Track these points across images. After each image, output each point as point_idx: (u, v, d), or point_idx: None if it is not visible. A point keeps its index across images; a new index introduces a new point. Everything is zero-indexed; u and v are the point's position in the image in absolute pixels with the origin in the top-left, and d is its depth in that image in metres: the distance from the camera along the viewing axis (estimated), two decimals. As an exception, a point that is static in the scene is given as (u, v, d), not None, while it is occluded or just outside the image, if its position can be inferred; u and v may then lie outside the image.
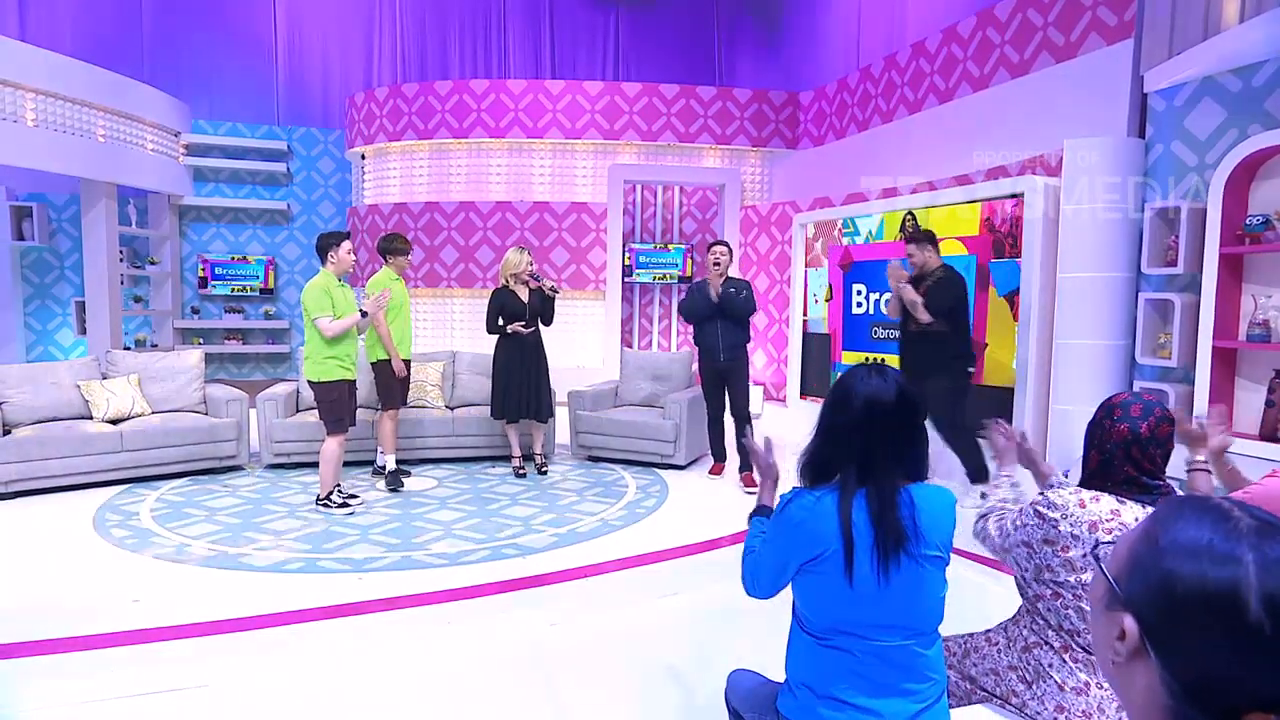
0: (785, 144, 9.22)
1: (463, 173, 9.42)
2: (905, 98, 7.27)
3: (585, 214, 9.11)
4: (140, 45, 10.13)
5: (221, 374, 10.29)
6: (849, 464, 1.61)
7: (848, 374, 1.70)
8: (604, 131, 9.11)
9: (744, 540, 1.89)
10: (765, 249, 8.94)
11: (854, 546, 1.55)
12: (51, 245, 9.86)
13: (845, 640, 1.60)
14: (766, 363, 8.99)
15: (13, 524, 4.53)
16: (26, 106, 7.62)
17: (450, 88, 9.21)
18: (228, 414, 5.70)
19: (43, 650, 3.00)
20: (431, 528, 4.48)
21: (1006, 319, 5.45)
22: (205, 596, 3.52)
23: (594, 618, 3.44)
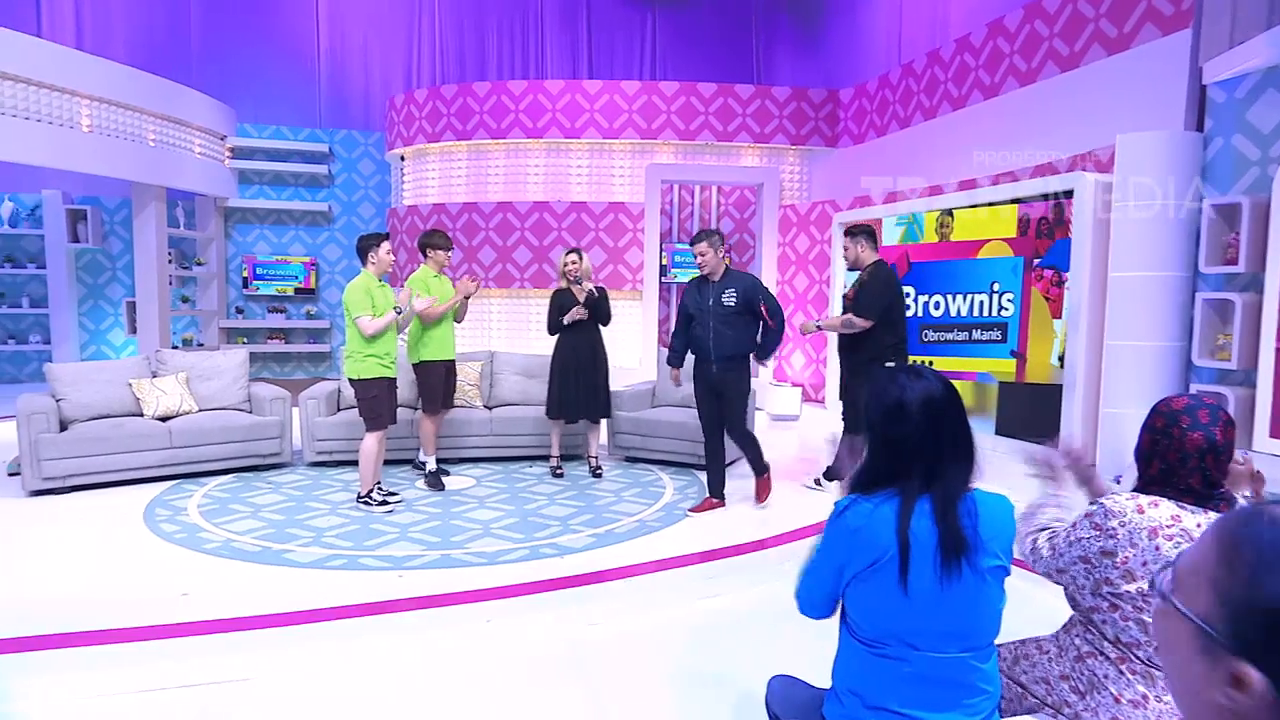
0: (825, 142, 9.13)
1: (500, 173, 9.50)
2: (949, 94, 7.15)
3: (623, 214, 9.13)
4: (189, 51, 10.41)
5: (264, 373, 10.51)
6: (913, 471, 1.59)
7: (887, 383, 1.66)
8: (641, 131, 9.11)
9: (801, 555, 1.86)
10: (804, 248, 8.87)
11: (910, 554, 1.52)
12: (104, 247, 10.18)
13: (898, 649, 1.57)
14: (805, 363, 8.91)
15: (69, 517, 4.68)
16: (82, 113, 7.88)
17: (488, 89, 9.30)
18: (271, 412, 5.82)
19: (97, 640, 3.09)
20: (470, 526, 4.53)
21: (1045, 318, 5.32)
22: (251, 591, 3.59)
23: (633, 619, 3.44)
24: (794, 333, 8.65)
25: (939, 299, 6.48)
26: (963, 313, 6.22)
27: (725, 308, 4.64)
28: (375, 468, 4.84)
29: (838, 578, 1.63)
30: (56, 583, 3.69)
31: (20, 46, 7.35)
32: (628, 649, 3.14)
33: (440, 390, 5.36)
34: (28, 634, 3.11)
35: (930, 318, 6.58)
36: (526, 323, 9.34)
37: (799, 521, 4.64)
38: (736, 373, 4.71)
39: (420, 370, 5.33)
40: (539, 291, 9.24)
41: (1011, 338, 5.74)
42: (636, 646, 3.16)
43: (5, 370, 9.97)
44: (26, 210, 9.90)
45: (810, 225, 8.77)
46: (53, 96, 7.56)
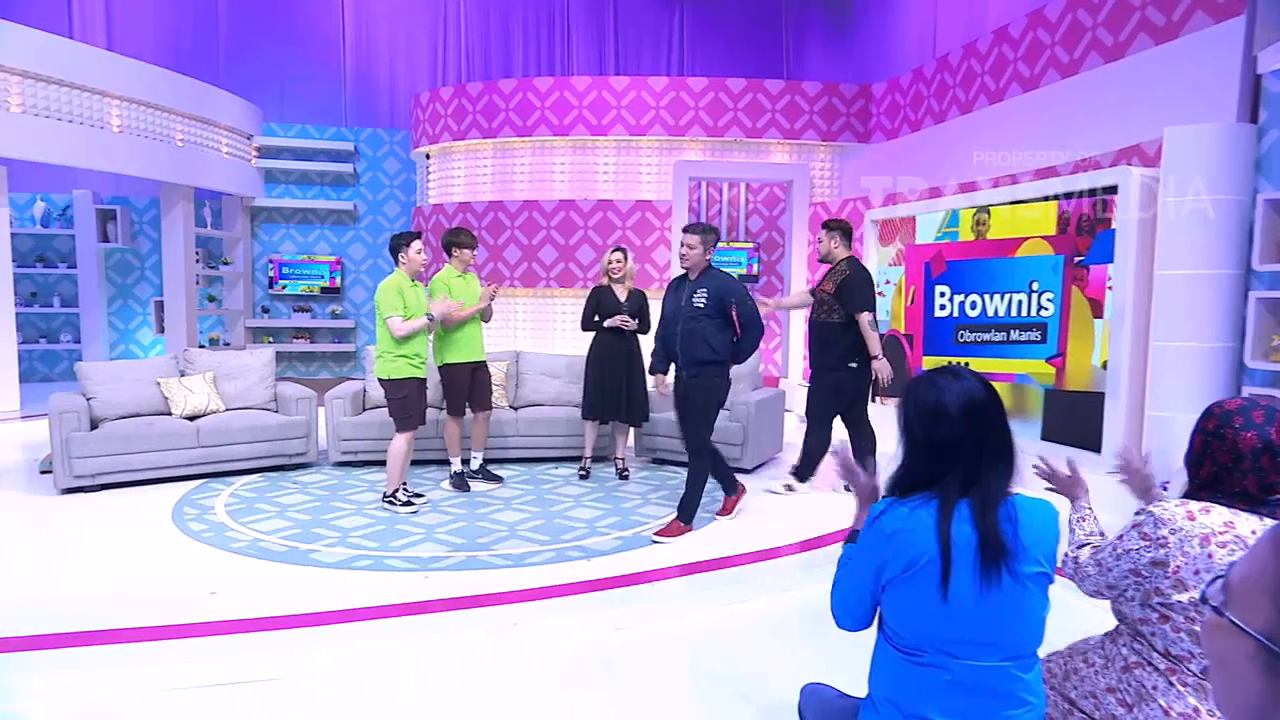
0: (856, 138, 9.06)
1: (526, 171, 9.55)
2: (986, 87, 7.05)
3: (649, 212, 9.13)
4: (216, 50, 10.60)
5: (289, 372, 10.67)
6: (951, 475, 1.57)
7: (925, 385, 1.64)
8: (669, 127, 9.11)
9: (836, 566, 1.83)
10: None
11: (952, 559, 1.50)
12: (133, 247, 10.40)
13: (938, 658, 1.55)
14: (836, 365, 8.84)
15: (99, 515, 4.78)
16: (112, 113, 8.05)
17: (514, 86, 9.35)
18: (297, 412, 5.90)
19: (126, 638, 3.15)
20: (496, 528, 4.55)
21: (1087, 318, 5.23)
22: (278, 591, 3.64)
23: (661, 623, 3.44)
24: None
25: (975, 299, 6.39)
26: (1000, 313, 6.13)
27: (695, 309, 4.40)
28: (402, 467, 4.89)
29: (874, 584, 1.61)
30: (86, 580, 3.77)
31: (53, 48, 7.53)
32: (655, 653, 3.14)
33: (464, 392, 5.39)
34: (58, 631, 3.18)
35: (966, 318, 6.49)
36: (552, 322, 9.38)
37: (830, 525, 4.60)
38: (704, 380, 4.40)
39: (445, 372, 5.36)
40: (565, 291, 9.27)
41: (1051, 339, 5.64)
42: (664, 651, 3.16)
43: (37, 369, 10.22)
44: (58, 210, 10.14)
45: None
46: (84, 97, 7.74)
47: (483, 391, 5.49)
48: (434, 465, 5.91)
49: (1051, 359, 5.60)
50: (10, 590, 3.60)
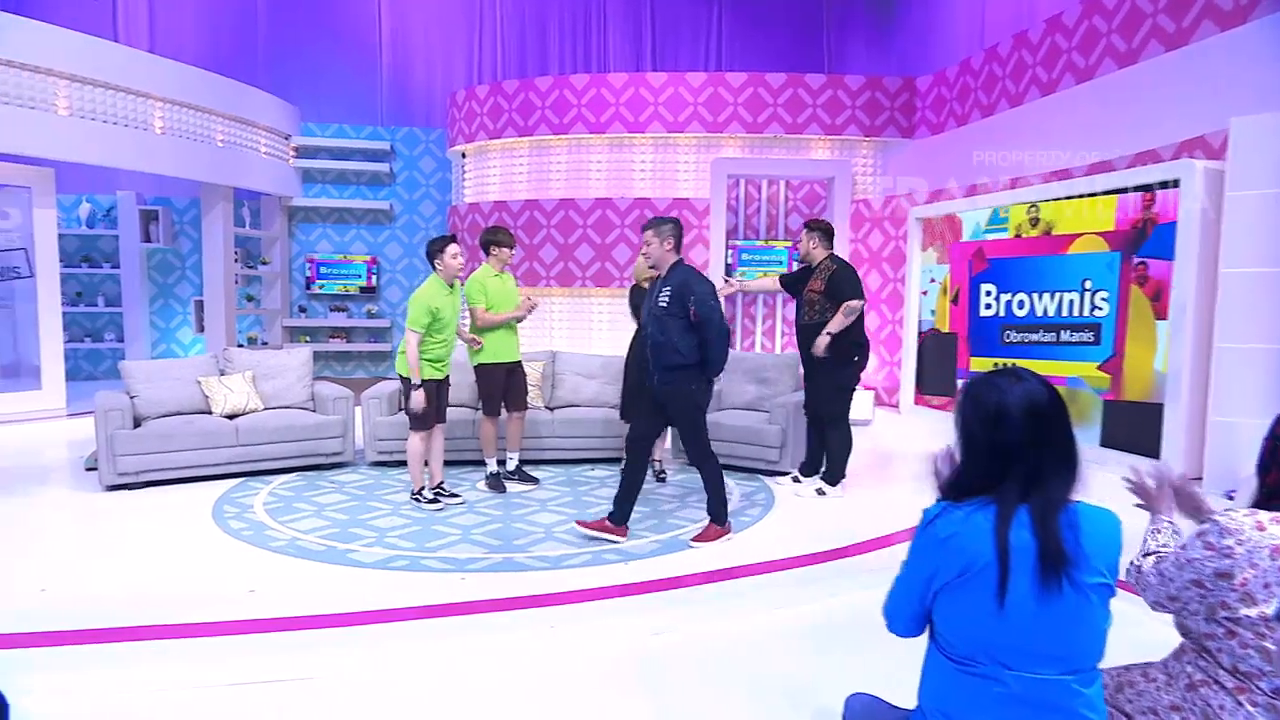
0: (900, 133, 8.95)
1: (562, 169, 9.60)
2: (1037, 78, 6.92)
3: (687, 210, 9.12)
4: (255, 50, 10.84)
5: (326, 372, 10.86)
6: (1011, 479, 1.54)
7: (985, 386, 1.62)
8: (707, 124, 9.09)
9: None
10: (878, 245, 8.71)
11: (1010, 566, 1.48)
12: (174, 247, 10.68)
13: (991, 668, 1.53)
14: (879, 365, 8.75)
15: (142, 512, 4.91)
16: (155, 114, 8.28)
17: (550, 83, 9.41)
18: (334, 411, 6.00)
19: (167, 634, 3.24)
20: (532, 530, 4.58)
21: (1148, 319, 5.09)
22: (317, 590, 3.71)
23: (700, 628, 3.43)
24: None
25: (1023, 298, 6.29)
26: (1050, 312, 6.02)
27: (660, 308, 4.25)
28: (419, 466, 4.99)
29: (925, 589, 1.59)
30: (130, 577, 3.88)
31: (99, 51, 7.77)
32: (695, 660, 3.13)
33: (498, 393, 5.44)
34: (102, 626, 3.28)
35: (1014, 318, 6.38)
36: (588, 322, 9.41)
37: (875, 530, 4.55)
38: (678, 386, 4.25)
39: (479, 372, 5.42)
40: (601, 290, 9.30)
41: (1106, 340, 5.51)
42: (704, 657, 3.15)
43: (82, 367, 10.54)
44: (102, 211, 10.45)
45: (884, 221, 8.61)
46: (128, 99, 7.97)
47: (518, 392, 5.53)
48: (469, 466, 5.97)
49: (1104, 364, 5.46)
50: (57, 586, 3.71)
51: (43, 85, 7.25)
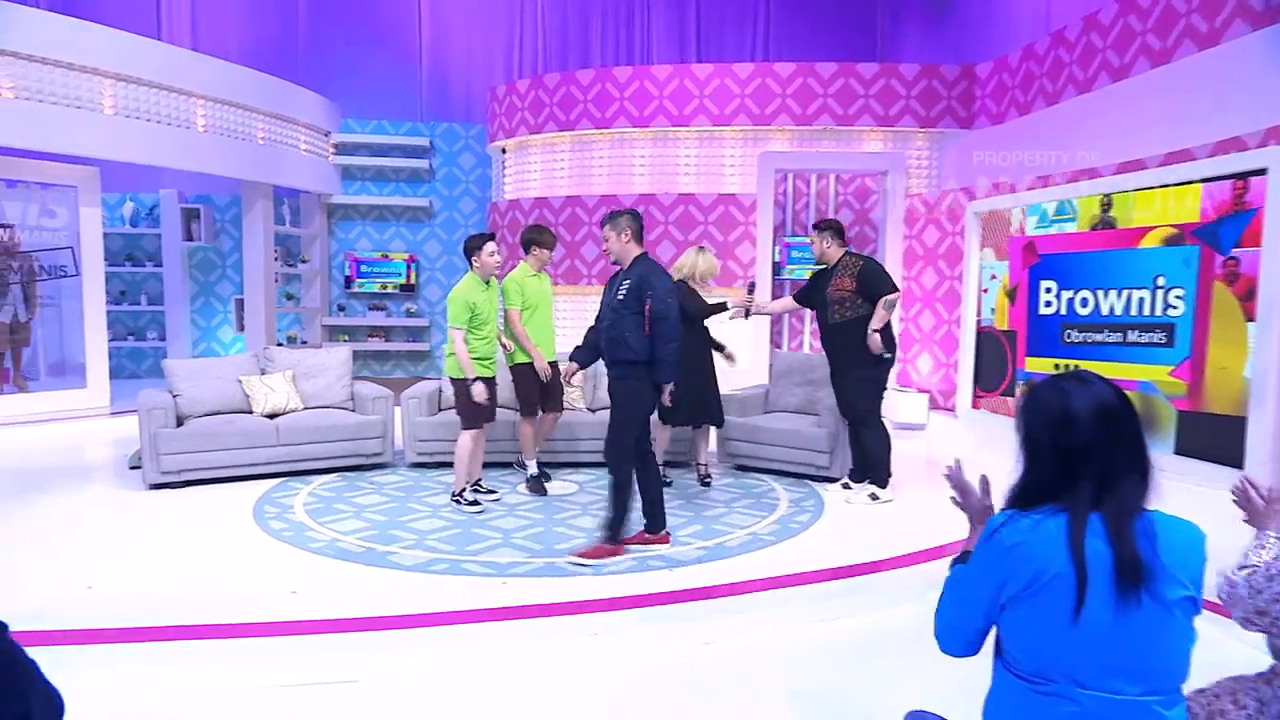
0: (958, 123, 8.79)
1: (605, 164, 9.63)
2: (1108, 63, 6.73)
3: (733, 206, 9.08)
4: (296, 47, 11.08)
5: (364, 371, 11.04)
6: (1081, 485, 1.50)
7: (1049, 389, 1.59)
8: (754, 117, 9.04)
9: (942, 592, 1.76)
10: (933, 241, 8.57)
11: (1087, 577, 1.44)
12: (215, 245, 10.96)
13: (1065, 687, 1.48)
14: (934, 367, 8.61)
15: (185, 511, 5.05)
16: (198, 113, 8.51)
17: (592, 76, 9.44)
18: (374, 411, 6.10)
19: (210, 634, 3.32)
20: (575, 534, 4.60)
21: (1235, 319, 4.91)
22: (357, 592, 3.77)
23: (748, 638, 3.41)
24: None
25: (1086, 295, 6.14)
26: (1116, 311, 5.86)
27: (617, 302, 4.22)
28: (466, 466, 5.07)
29: (991, 603, 1.55)
30: (174, 576, 3.99)
31: (143, 50, 8.01)
32: (742, 672, 3.11)
33: (535, 393, 5.49)
34: (145, 625, 3.37)
35: (1075, 316, 6.23)
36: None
37: (929, 540, 4.48)
38: (625, 382, 4.21)
39: (515, 372, 5.49)
40: (643, 289, 9.29)
41: (1182, 342, 5.34)
42: (751, 670, 3.13)
43: (125, 366, 10.87)
44: (145, 210, 10.78)
45: (940, 216, 8.47)
46: (172, 98, 8.21)
47: (554, 392, 5.58)
48: (504, 468, 6.01)
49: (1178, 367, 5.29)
50: (103, 584, 3.83)
51: (89, 85, 7.50)
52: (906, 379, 8.86)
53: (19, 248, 8.00)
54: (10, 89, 6.97)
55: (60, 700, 1.25)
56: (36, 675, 1.19)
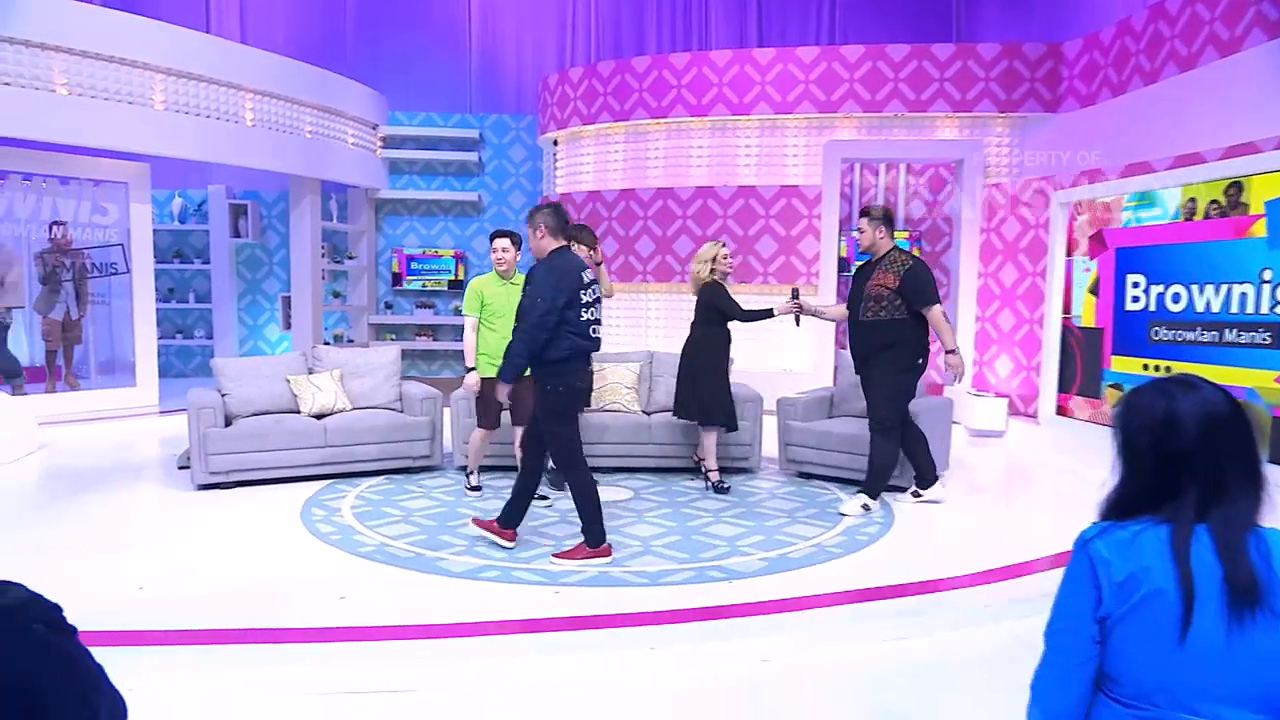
0: (1042, 106, 8.58)
1: (660, 156, 9.65)
2: (1215, 36, 6.50)
3: (796, 198, 9.02)
4: (344, 38, 11.36)
5: (412, 371, 11.26)
6: (1186, 495, 1.47)
7: (1151, 393, 1.55)
8: (819, 104, 8.97)
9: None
10: (1013, 235, 8.38)
11: (1195, 593, 1.40)
12: (262, 242, 11.31)
13: (1169, 712, 1.45)
14: (1014, 370, 8.42)
15: (233, 513, 5.23)
16: (246, 107, 8.79)
17: (648, 64, 9.48)
18: (422, 412, 6.22)
19: (260, 639, 3.43)
20: (629, 542, 4.63)
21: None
22: (407, 599, 3.86)
23: (812, 656, 3.39)
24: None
25: (1179, 290, 5.96)
26: (1213, 308, 5.67)
27: (524, 299, 4.27)
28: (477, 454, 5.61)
29: (1092, 623, 1.51)
30: (224, 578, 4.14)
31: (193, 44, 8.31)
32: (805, 691, 3.10)
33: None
34: (193, 628, 3.50)
35: (1166, 313, 6.05)
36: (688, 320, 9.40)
37: (1008, 557, 4.38)
38: (543, 383, 4.22)
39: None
40: (700, 286, 9.30)
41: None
42: (816, 689, 3.11)
43: (173, 364, 11.28)
44: (194, 206, 11.18)
45: (1021, 206, 8.28)
46: (220, 92, 8.49)
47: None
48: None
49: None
50: (154, 585, 3.99)
51: (141, 80, 7.81)
52: (983, 382, 8.68)
53: (71, 245, 8.37)
54: (64, 85, 7.30)
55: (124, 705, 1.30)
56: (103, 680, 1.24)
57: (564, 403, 4.27)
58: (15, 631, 1.12)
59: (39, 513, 5.22)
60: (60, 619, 1.19)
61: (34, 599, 1.17)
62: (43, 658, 1.13)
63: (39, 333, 8.34)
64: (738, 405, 6.04)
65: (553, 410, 4.26)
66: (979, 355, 8.72)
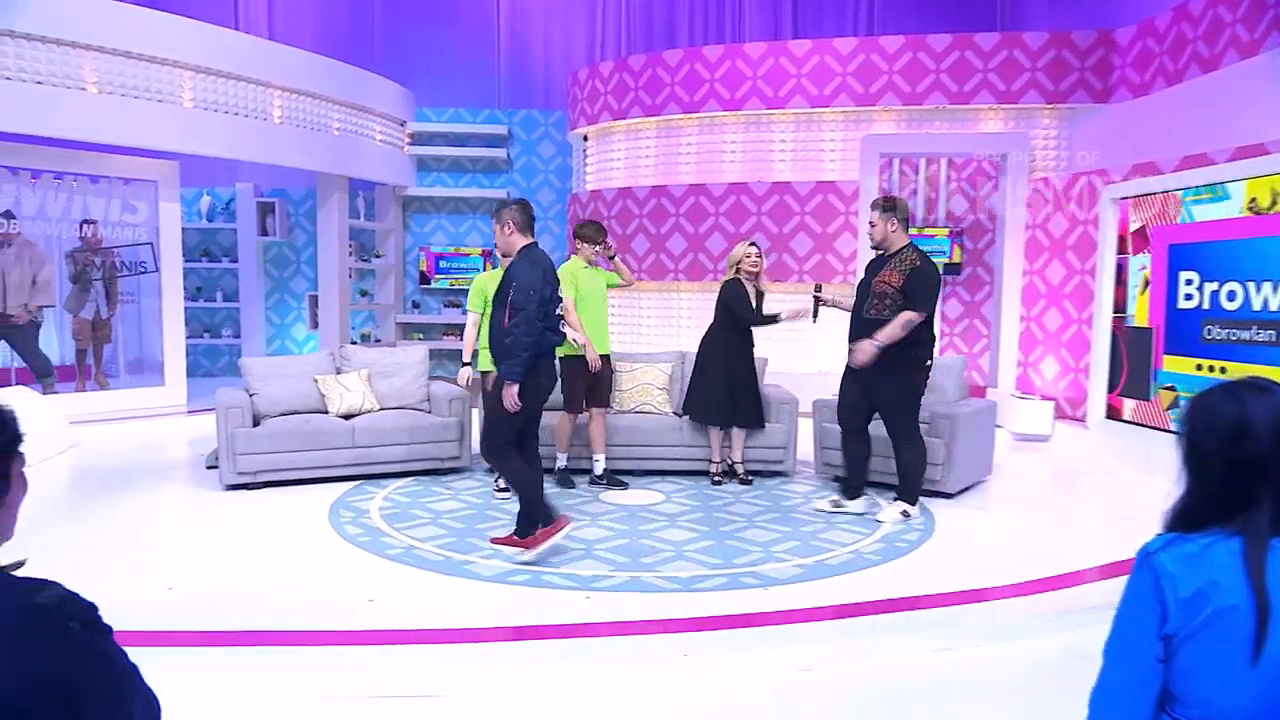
0: (1092, 97, 8.43)
1: (693, 152, 9.64)
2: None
3: (833, 194, 8.96)
4: (372, 34, 11.49)
5: (439, 371, 11.33)
6: (1259, 507, 1.42)
7: (1221, 396, 1.50)
8: (857, 97, 8.90)
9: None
10: (1061, 232, 8.26)
11: (1270, 610, 1.36)
12: (289, 240, 11.46)
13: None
14: (1061, 372, 8.30)
15: (261, 514, 5.30)
16: (274, 104, 8.92)
17: (680, 57, 9.47)
18: (450, 413, 6.27)
19: (287, 641, 3.48)
20: (662, 547, 4.63)
21: None
22: (436, 602, 3.90)
23: (850, 667, 3.37)
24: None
25: (1234, 287, 5.84)
26: (1271, 306, 5.55)
27: (499, 295, 4.41)
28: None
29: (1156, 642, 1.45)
30: (252, 579, 4.20)
31: (223, 41, 8.45)
32: (844, 702, 3.08)
33: (579, 388, 5.73)
34: (227, 629, 3.56)
35: (1220, 311, 5.93)
36: (719, 320, 9.40)
37: (1057, 566, 4.32)
38: (497, 375, 4.40)
39: (562, 364, 5.63)
40: (733, 285, 9.27)
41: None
42: (856, 700, 3.09)
43: (200, 363, 11.47)
44: (222, 204, 11.36)
45: (1070, 202, 8.15)
46: (249, 89, 8.63)
47: (603, 388, 5.89)
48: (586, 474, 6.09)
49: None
50: (183, 585, 4.06)
51: (170, 77, 7.96)
52: (1028, 384, 8.56)
53: (101, 244, 8.54)
54: (95, 83, 7.46)
55: (159, 706, 1.32)
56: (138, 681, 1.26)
57: (532, 397, 4.35)
58: (52, 630, 1.13)
59: (70, 512, 5.33)
60: (96, 618, 1.21)
61: (70, 597, 1.19)
62: (79, 657, 1.15)
63: (69, 332, 8.52)
64: (772, 407, 6.06)
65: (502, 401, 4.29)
66: (1023, 356, 8.61)
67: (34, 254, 8.14)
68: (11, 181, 7.89)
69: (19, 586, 1.16)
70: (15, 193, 7.92)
